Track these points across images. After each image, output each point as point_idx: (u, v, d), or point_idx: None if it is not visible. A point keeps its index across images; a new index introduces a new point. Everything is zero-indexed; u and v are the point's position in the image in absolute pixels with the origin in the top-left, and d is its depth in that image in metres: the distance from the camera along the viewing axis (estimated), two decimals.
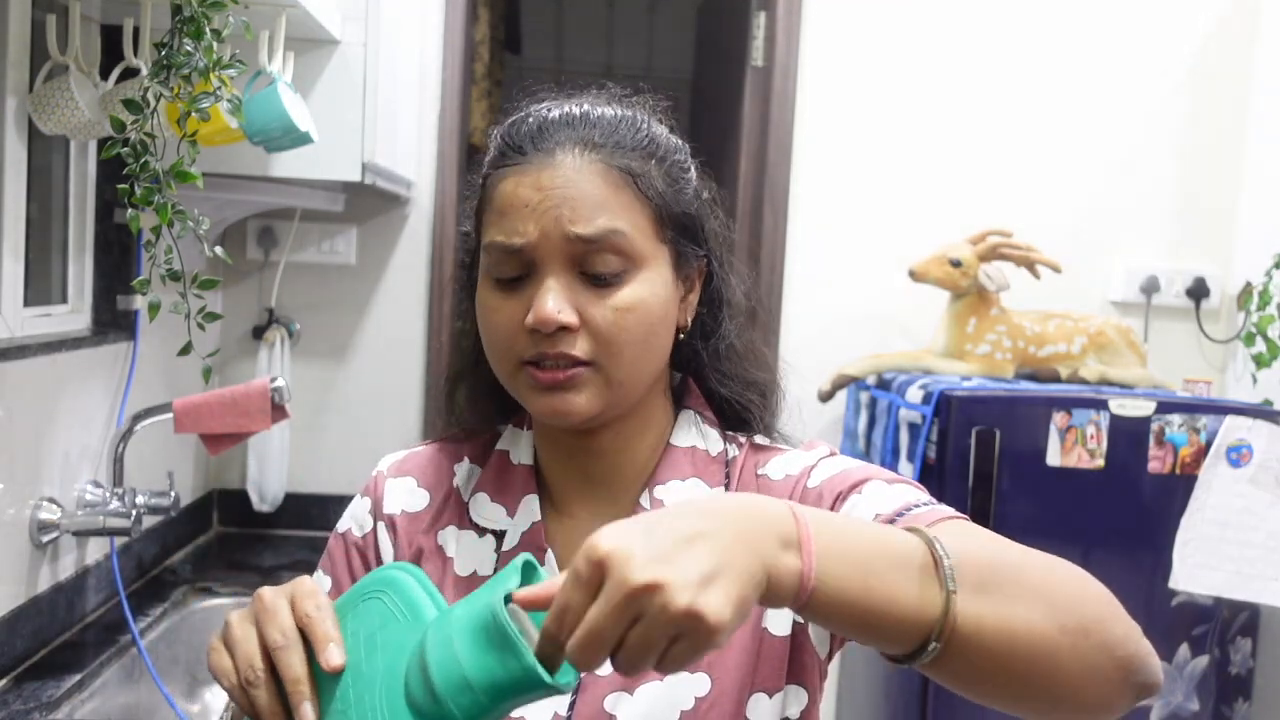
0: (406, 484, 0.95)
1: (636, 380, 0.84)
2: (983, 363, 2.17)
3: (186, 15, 1.23)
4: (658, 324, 0.84)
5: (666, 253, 0.85)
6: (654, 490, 0.87)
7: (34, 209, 1.60)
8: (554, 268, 0.80)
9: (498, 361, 0.85)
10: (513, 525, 0.89)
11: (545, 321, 0.79)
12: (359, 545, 0.94)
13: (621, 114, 0.86)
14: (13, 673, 1.47)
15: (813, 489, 0.85)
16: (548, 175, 0.81)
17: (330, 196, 2.20)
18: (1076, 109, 2.48)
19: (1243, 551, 1.93)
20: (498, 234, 0.82)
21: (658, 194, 0.84)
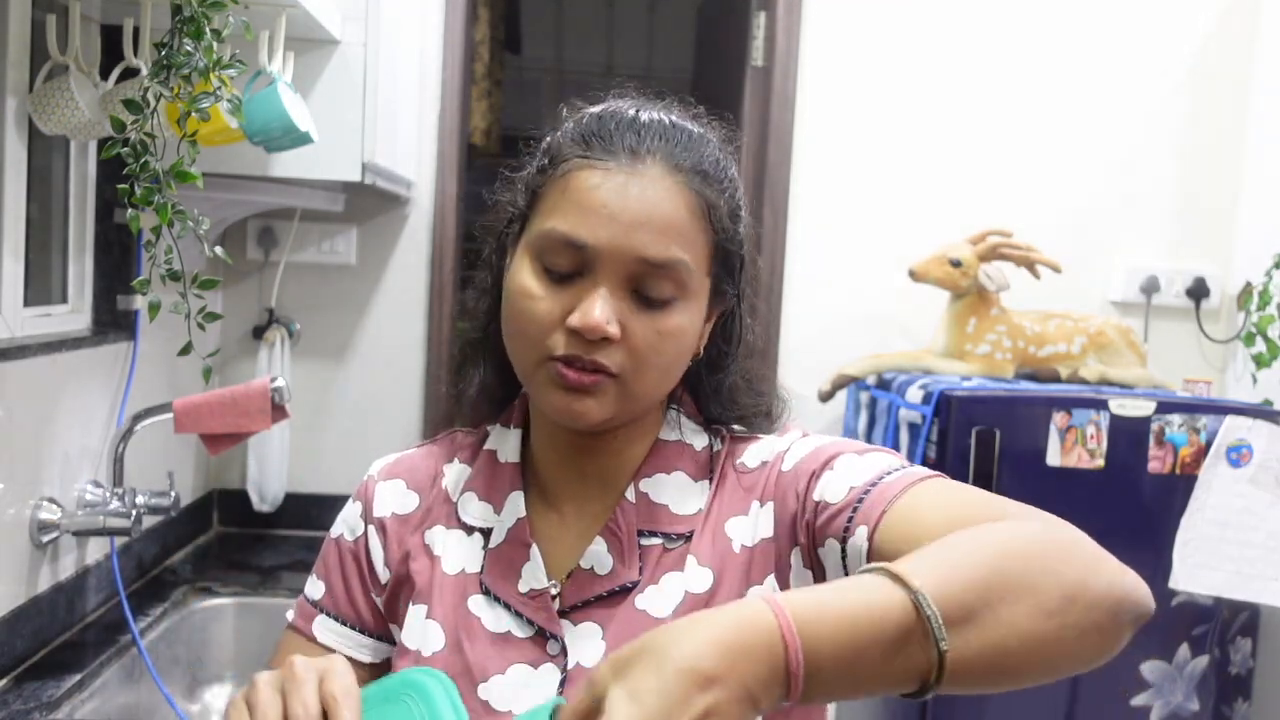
0: (396, 486, 0.95)
1: (651, 398, 0.86)
2: (983, 363, 2.17)
3: (186, 15, 1.23)
4: (686, 352, 0.86)
5: (708, 287, 0.86)
6: (640, 483, 0.88)
7: (34, 209, 1.60)
8: (611, 278, 0.80)
9: (523, 350, 0.83)
10: (499, 522, 0.89)
11: (593, 329, 0.79)
12: (351, 550, 0.95)
13: (706, 138, 0.87)
14: (13, 673, 1.47)
15: (787, 472, 0.85)
16: (636, 186, 0.80)
17: (330, 196, 2.20)
18: (1076, 109, 2.48)
19: (1243, 551, 1.93)
20: (564, 224, 0.80)
21: (723, 230, 0.85)
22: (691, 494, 0.88)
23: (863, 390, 2.31)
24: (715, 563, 0.85)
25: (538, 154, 0.88)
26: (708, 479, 0.89)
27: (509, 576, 0.87)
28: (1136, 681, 1.97)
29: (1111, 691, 1.97)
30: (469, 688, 0.83)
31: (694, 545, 0.86)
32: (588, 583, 0.85)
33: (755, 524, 0.86)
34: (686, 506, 0.87)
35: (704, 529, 0.87)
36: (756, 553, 0.85)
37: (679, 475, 0.89)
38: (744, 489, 0.88)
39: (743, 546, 0.86)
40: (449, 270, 2.42)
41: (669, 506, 0.87)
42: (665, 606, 0.84)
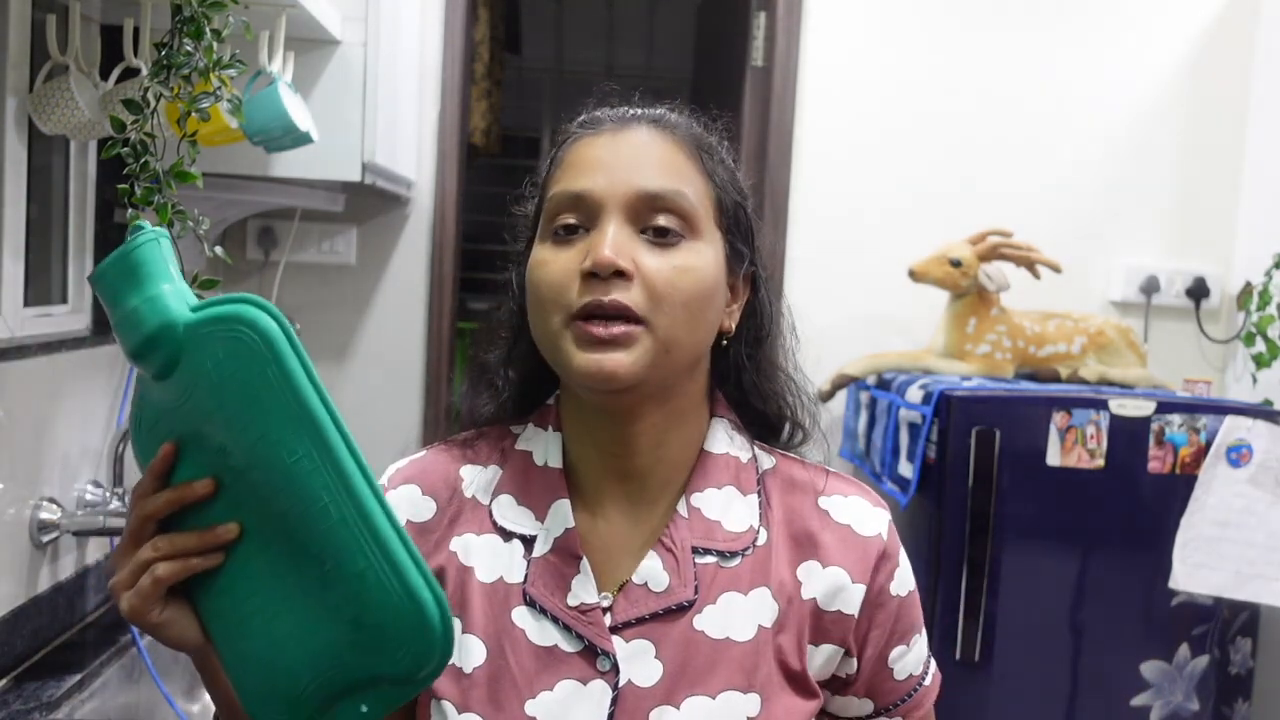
0: (409, 493, 0.90)
1: (683, 348, 0.82)
2: (983, 363, 2.17)
3: (186, 15, 1.23)
4: (709, 295, 0.83)
5: (720, 241, 0.86)
6: (691, 498, 0.86)
7: (34, 209, 1.60)
8: (615, 217, 0.81)
9: (545, 320, 0.82)
10: (544, 530, 0.85)
11: (603, 264, 0.78)
12: None
13: (694, 122, 0.90)
14: (13, 673, 1.47)
15: (894, 598, 0.88)
16: (624, 138, 0.84)
17: (330, 196, 2.20)
18: (1077, 109, 2.48)
19: (1243, 551, 1.93)
20: (563, 184, 0.83)
21: (722, 179, 0.87)
22: (742, 510, 0.86)
23: (863, 390, 2.31)
24: (783, 600, 0.84)
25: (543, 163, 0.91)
26: (755, 492, 0.88)
27: (557, 589, 0.83)
28: (1136, 681, 1.97)
29: (1112, 691, 1.97)
30: (516, 703, 0.80)
31: (755, 568, 0.85)
32: (642, 599, 0.83)
33: (836, 591, 0.86)
34: (739, 523, 0.86)
35: (767, 553, 0.85)
36: (827, 618, 0.85)
37: (729, 490, 0.87)
38: (820, 536, 0.87)
39: (814, 600, 0.85)
40: (449, 270, 2.42)
41: (722, 523, 0.85)
42: (726, 628, 0.82)
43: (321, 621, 0.69)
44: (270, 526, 0.71)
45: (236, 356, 0.70)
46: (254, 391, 0.69)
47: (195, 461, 0.73)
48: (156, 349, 0.72)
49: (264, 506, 0.71)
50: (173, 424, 0.74)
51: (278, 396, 0.69)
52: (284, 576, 0.71)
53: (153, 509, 0.74)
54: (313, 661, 0.70)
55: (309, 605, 0.70)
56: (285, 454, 0.68)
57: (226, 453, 0.71)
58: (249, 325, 0.70)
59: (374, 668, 0.69)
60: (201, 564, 0.73)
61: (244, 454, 0.70)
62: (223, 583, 0.73)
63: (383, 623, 0.68)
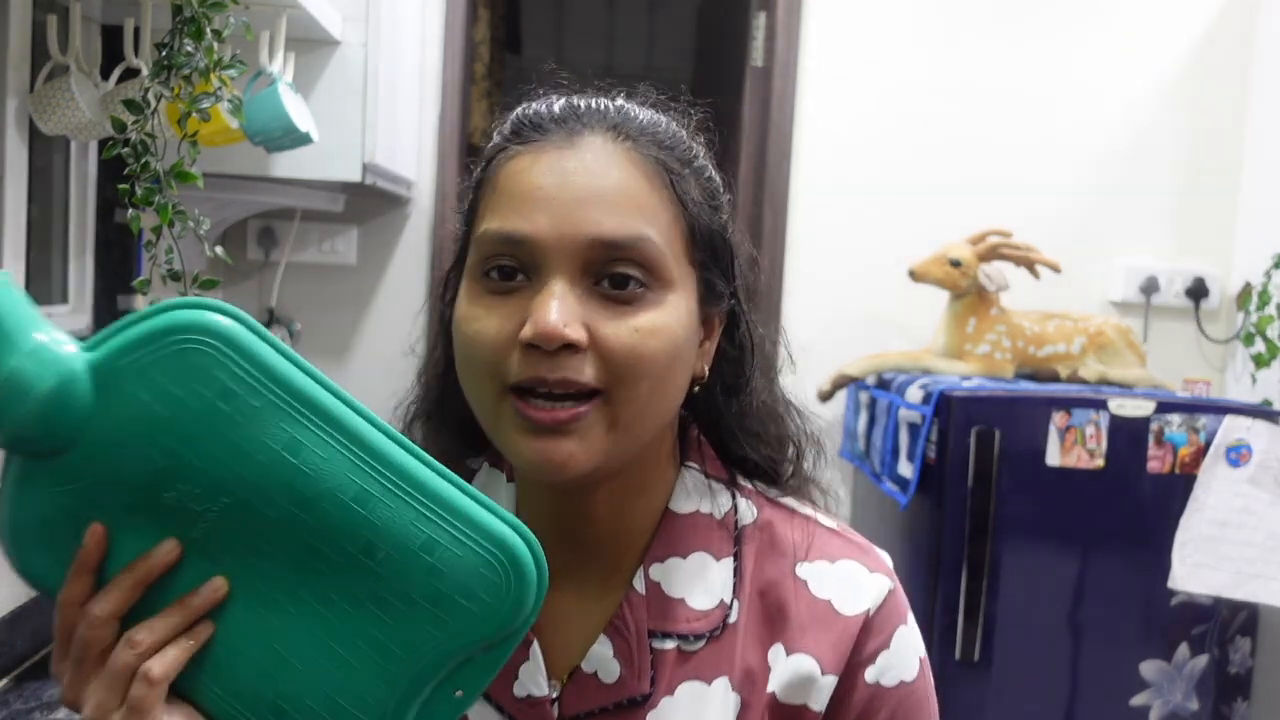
0: None
1: (646, 426, 0.69)
2: (982, 363, 2.17)
3: (187, 16, 1.23)
4: (679, 359, 0.69)
5: (693, 279, 0.71)
6: (650, 569, 0.73)
7: (35, 209, 1.60)
8: (562, 272, 0.65)
9: (477, 389, 0.67)
10: None
11: (548, 335, 0.63)
12: None
13: (660, 117, 0.73)
14: (13, 673, 1.47)
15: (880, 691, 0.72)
16: (572, 157, 0.66)
17: (330, 197, 2.20)
18: (1076, 108, 2.48)
19: (1242, 551, 1.93)
20: (495, 220, 0.67)
21: (693, 202, 0.70)
22: (714, 581, 0.73)
23: (862, 390, 2.31)
24: (746, 692, 0.71)
25: (470, 178, 0.74)
26: (732, 555, 0.74)
27: (504, 674, 0.71)
28: (1136, 681, 1.97)
29: (1111, 691, 1.97)
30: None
31: (720, 653, 0.72)
32: (591, 690, 0.71)
33: (801, 684, 0.72)
34: (707, 598, 0.73)
35: (734, 633, 0.72)
36: (786, 713, 0.72)
37: (698, 558, 0.73)
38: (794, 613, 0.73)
39: (773, 694, 0.72)
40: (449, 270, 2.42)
41: (686, 600, 0.72)
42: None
43: (385, 623, 0.59)
44: (275, 555, 0.60)
45: (186, 375, 0.58)
46: (224, 407, 0.58)
47: (137, 532, 0.59)
48: (56, 415, 0.57)
49: (261, 537, 0.59)
50: (86, 504, 0.59)
51: (260, 397, 0.59)
52: (312, 601, 0.60)
53: (112, 606, 0.59)
54: (389, 675, 0.59)
55: (362, 616, 0.59)
56: (291, 458, 0.59)
57: (188, 500, 0.59)
58: (194, 330, 0.58)
59: (469, 638, 0.59)
60: (198, 642, 0.60)
61: (223, 488, 0.58)
62: (220, 654, 0.60)
63: (470, 586, 0.58)
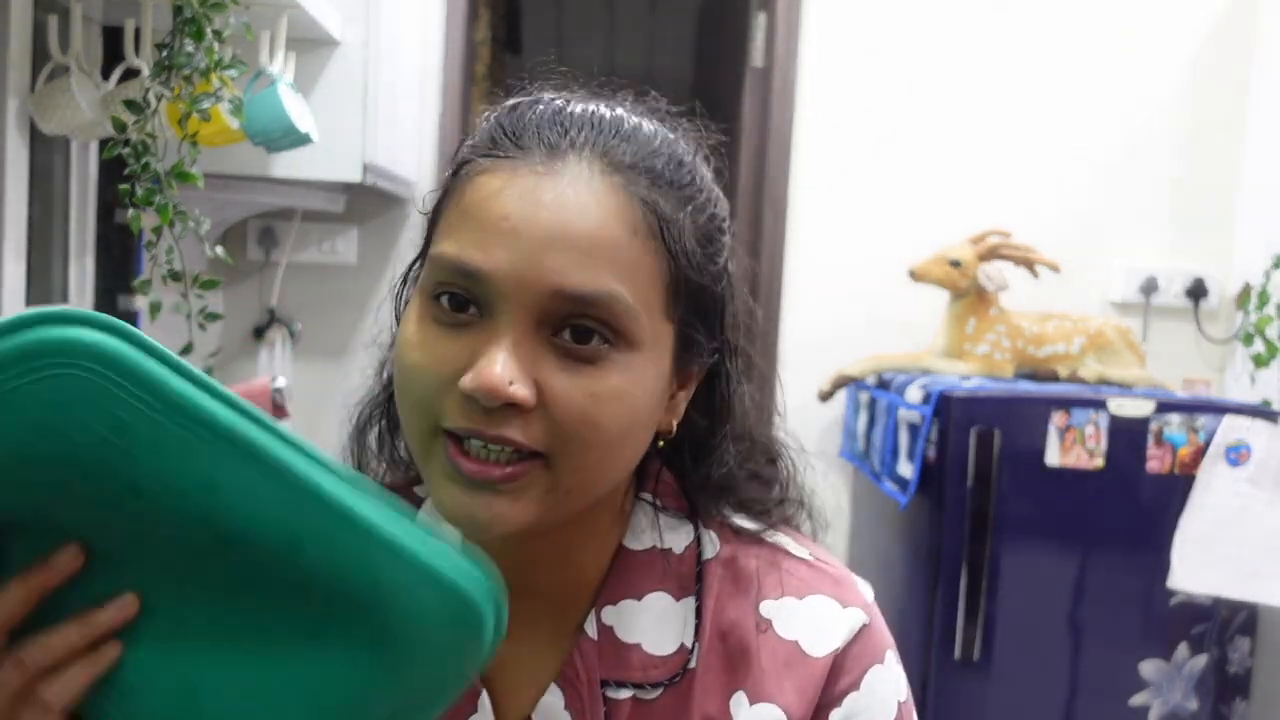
0: None
1: (589, 491, 0.62)
2: (982, 363, 2.17)
3: (187, 16, 1.24)
4: (638, 426, 0.62)
5: (670, 335, 0.63)
6: (602, 613, 0.67)
7: (35, 209, 1.61)
8: (517, 318, 0.57)
9: (410, 421, 0.61)
10: None
11: (489, 390, 0.56)
12: None
13: (662, 135, 0.64)
14: None
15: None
16: (549, 187, 0.58)
17: (331, 197, 2.20)
18: (1076, 109, 2.48)
19: (1241, 551, 1.93)
20: (453, 245, 0.59)
21: (684, 253, 0.61)
22: (671, 624, 0.67)
23: (862, 390, 2.32)
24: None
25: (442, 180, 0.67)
26: (693, 594, 0.68)
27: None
28: (1135, 681, 1.97)
29: (1111, 691, 1.97)
30: None
31: (677, 701, 0.66)
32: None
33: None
34: (665, 644, 0.67)
35: (692, 680, 0.67)
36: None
37: (654, 599, 0.67)
38: (755, 656, 0.67)
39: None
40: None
41: (642, 646, 0.67)
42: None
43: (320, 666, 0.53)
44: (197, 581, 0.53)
45: (64, 406, 0.48)
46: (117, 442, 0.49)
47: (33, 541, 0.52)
48: None
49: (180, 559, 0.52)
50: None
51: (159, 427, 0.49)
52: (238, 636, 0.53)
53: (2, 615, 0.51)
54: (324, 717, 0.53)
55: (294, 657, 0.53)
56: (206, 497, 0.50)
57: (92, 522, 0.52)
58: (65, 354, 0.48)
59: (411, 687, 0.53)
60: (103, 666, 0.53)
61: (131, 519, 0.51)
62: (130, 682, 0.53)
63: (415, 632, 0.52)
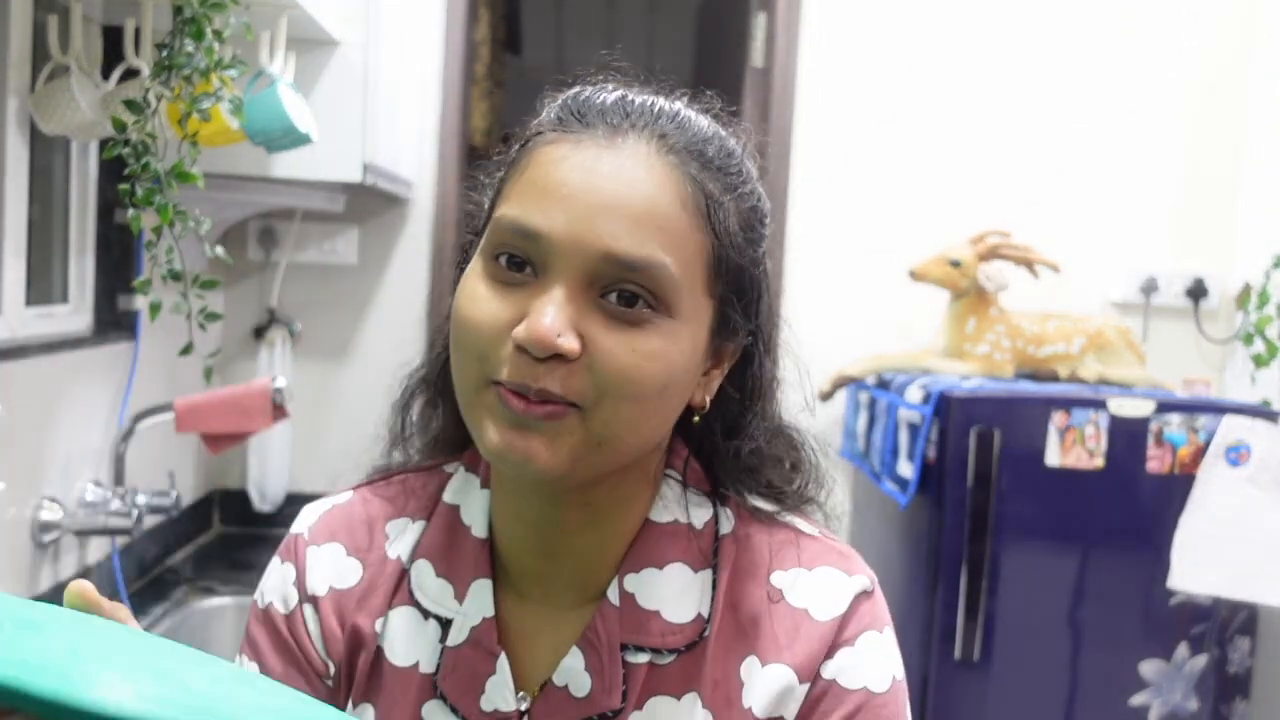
0: (332, 552, 0.77)
1: (623, 449, 0.66)
2: (982, 363, 2.17)
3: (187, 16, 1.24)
4: (673, 389, 0.67)
5: (709, 311, 0.68)
6: (625, 580, 0.71)
7: (35, 209, 1.61)
8: (569, 277, 0.63)
9: (462, 372, 0.66)
10: (460, 615, 0.72)
11: (539, 340, 0.61)
12: (286, 625, 0.76)
13: (714, 128, 0.70)
14: None
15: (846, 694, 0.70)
16: (608, 159, 0.64)
17: (330, 197, 2.20)
18: (1076, 109, 2.48)
19: (1241, 551, 1.93)
20: (515, 208, 0.65)
21: (727, 234, 0.67)
22: (690, 593, 0.72)
23: (862, 390, 2.32)
24: (718, 706, 0.70)
25: (497, 154, 0.73)
26: (710, 567, 0.73)
27: (471, 687, 0.71)
28: (1135, 681, 1.97)
29: (1111, 691, 1.97)
30: None
31: (689, 667, 0.71)
32: (561, 704, 0.70)
33: (776, 694, 0.70)
34: (683, 611, 0.71)
35: (709, 649, 0.71)
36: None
37: (675, 569, 0.72)
38: (765, 623, 0.72)
39: (750, 710, 0.70)
40: (449, 270, 2.43)
41: (660, 613, 0.71)
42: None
43: None
44: None
45: None
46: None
47: None
48: None
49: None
50: None
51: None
52: None
53: None
54: None
55: None
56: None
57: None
58: None
59: None
60: None
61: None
62: None
63: None
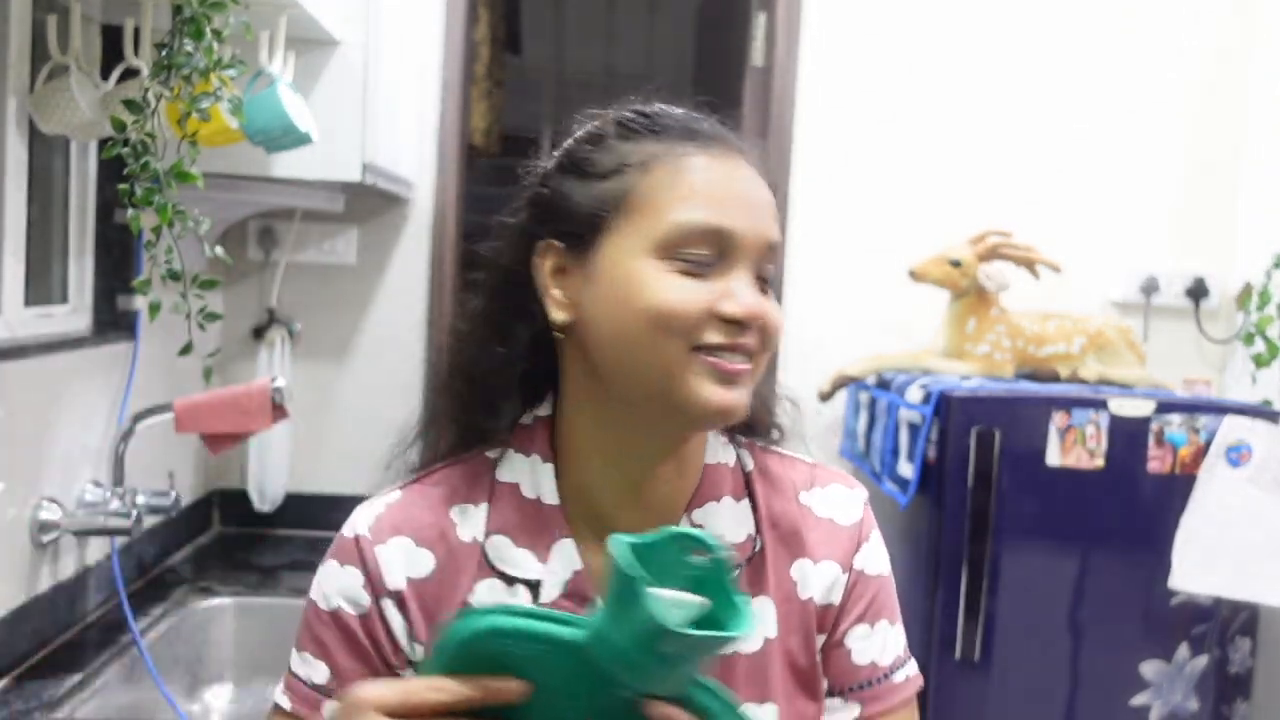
0: (402, 545, 0.83)
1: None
2: (982, 363, 2.17)
3: (187, 15, 1.24)
4: None
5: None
6: (693, 514, 0.85)
7: (35, 209, 1.61)
8: (748, 263, 0.80)
9: (657, 343, 0.77)
10: (549, 573, 0.81)
11: (755, 314, 0.78)
12: (361, 625, 0.82)
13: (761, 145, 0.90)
14: (13, 672, 1.47)
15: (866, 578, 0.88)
16: (740, 169, 0.81)
17: (330, 197, 2.20)
18: (1076, 109, 2.48)
19: (1242, 552, 1.93)
20: (699, 213, 0.78)
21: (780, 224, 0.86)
22: (740, 519, 0.86)
23: (862, 390, 2.31)
24: (783, 604, 0.85)
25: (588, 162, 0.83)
26: (747, 496, 0.88)
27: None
28: (1136, 681, 1.97)
29: (1111, 691, 1.97)
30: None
31: (754, 577, 0.85)
32: None
33: (829, 584, 0.87)
34: (738, 535, 0.85)
35: (762, 558, 0.86)
36: (826, 613, 0.87)
37: (726, 502, 0.86)
38: (804, 532, 0.88)
39: (812, 599, 0.87)
40: (449, 270, 2.43)
41: (724, 537, 0.83)
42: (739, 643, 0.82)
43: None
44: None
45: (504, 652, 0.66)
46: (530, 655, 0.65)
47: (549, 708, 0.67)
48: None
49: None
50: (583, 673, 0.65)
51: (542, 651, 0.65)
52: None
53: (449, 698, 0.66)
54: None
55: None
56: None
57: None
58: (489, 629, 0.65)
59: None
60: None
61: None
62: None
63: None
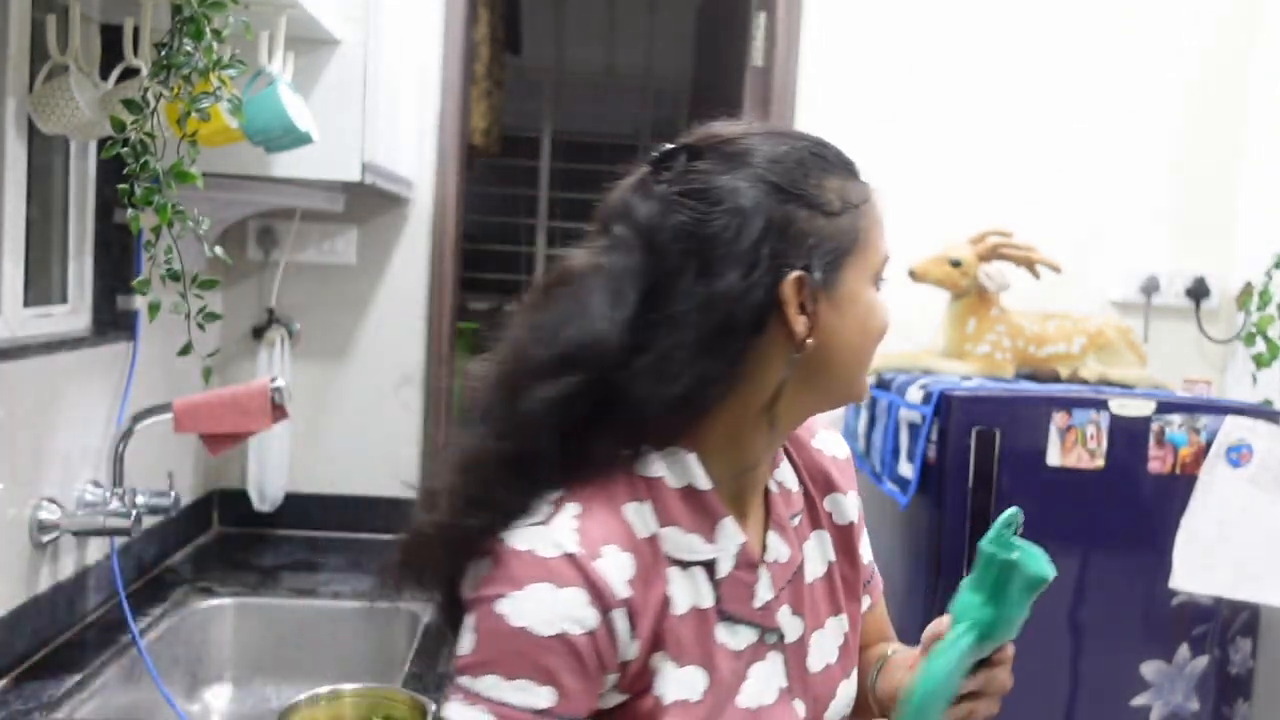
0: (612, 554, 0.84)
1: None
2: (982, 362, 2.17)
3: (186, 15, 1.23)
4: None
5: None
6: (774, 477, 0.99)
7: (34, 209, 1.60)
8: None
9: (865, 356, 0.94)
10: (720, 551, 0.90)
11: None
12: (588, 643, 0.82)
13: None
14: (13, 672, 1.47)
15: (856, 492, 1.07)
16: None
17: (330, 196, 2.20)
18: (1077, 109, 2.48)
19: (1243, 552, 1.93)
20: (885, 243, 0.98)
21: None
22: (791, 473, 1.02)
23: None
24: (831, 533, 1.03)
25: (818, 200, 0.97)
26: (787, 455, 1.03)
27: (745, 598, 0.92)
28: (1136, 681, 1.97)
29: (1112, 692, 1.97)
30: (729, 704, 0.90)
31: (809, 516, 1.02)
32: (779, 573, 0.96)
33: (851, 506, 1.05)
34: (795, 485, 1.02)
35: (812, 499, 1.03)
36: (854, 531, 1.05)
37: (785, 465, 1.02)
38: (829, 471, 1.05)
39: (849, 522, 1.05)
40: (449, 270, 2.42)
41: (790, 488, 1.01)
42: (813, 571, 1.00)
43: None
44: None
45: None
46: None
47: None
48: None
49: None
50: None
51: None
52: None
53: None
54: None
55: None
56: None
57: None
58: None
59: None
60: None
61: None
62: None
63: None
